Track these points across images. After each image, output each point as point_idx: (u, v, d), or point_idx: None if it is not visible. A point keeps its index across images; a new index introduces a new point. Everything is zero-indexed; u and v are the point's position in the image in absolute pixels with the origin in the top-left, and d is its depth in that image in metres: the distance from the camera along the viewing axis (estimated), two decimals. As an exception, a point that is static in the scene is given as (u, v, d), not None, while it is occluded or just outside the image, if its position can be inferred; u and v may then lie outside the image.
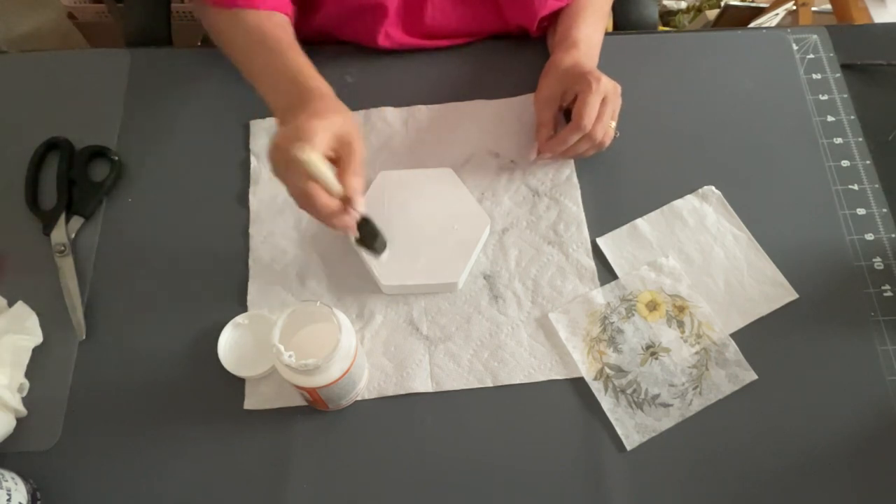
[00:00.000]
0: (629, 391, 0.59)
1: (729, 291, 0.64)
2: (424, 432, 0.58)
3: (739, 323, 0.62)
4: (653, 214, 0.67)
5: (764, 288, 0.64)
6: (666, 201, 0.68)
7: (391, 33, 0.74)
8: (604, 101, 0.65)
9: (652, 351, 0.61)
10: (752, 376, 0.60)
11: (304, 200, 0.54)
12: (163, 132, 0.72)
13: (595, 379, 0.60)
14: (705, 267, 0.65)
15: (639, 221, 0.67)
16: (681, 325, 0.62)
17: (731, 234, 0.66)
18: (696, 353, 0.61)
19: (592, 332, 0.62)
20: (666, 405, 0.59)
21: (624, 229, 0.67)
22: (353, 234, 0.58)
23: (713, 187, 0.68)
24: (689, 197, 0.68)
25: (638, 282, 0.64)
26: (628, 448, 0.57)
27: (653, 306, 0.62)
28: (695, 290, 0.63)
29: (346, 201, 0.55)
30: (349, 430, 0.58)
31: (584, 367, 0.60)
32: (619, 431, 0.58)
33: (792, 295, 0.63)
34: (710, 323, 0.62)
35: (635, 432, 0.58)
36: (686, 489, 0.56)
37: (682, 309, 0.62)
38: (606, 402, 0.59)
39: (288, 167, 0.54)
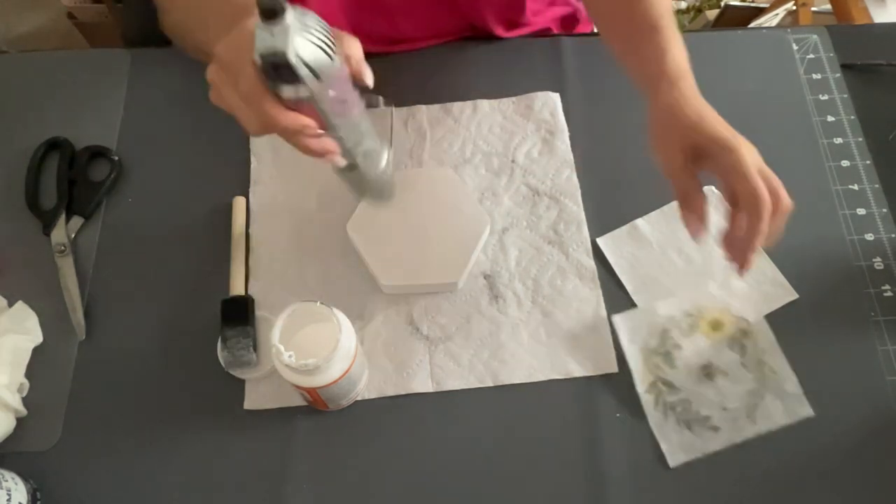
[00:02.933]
0: (679, 409, 0.58)
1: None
2: (424, 432, 0.58)
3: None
4: (653, 214, 0.67)
5: (764, 288, 0.63)
6: (666, 201, 0.68)
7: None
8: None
9: (708, 371, 0.59)
10: (808, 412, 0.58)
11: (263, 120, 0.43)
12: (163, 132, 0.72)
13: (647, 391, 0.59)
14: (706, 267, 0.65)
15: (639, 221, 0.67)
16: (742, 349, 0.60)
17: None
18: (755, 379, 0.59)
19: (651, 343, 0.60)
20: (715, 428, 0.57)
21: (624, 229, 0.67)
22: (337, 159, 0.48)
23: (713, 188, 0.68)
24: None
25: (705, 298, 0.62)
26: (671, 465, 0.56)
27: (716, 326, 0.61)
28: (763, 316, 0.61)
29: (357, 75, 0.45)
30: (349, 430, 0.58)
31: (638, 378, 0.59)
32: (664, 447, 0.57)
33: (792, 295, 0.63)
34: (774, 352, 0.60)
35: (680, 450, 0.56)
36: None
37: (746, 333, 0.61)
38: (654, 417, 0.57)
39: (236, 81, 0.43)
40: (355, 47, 0.46)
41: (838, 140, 0.72)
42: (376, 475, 0.57)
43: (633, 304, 0.63)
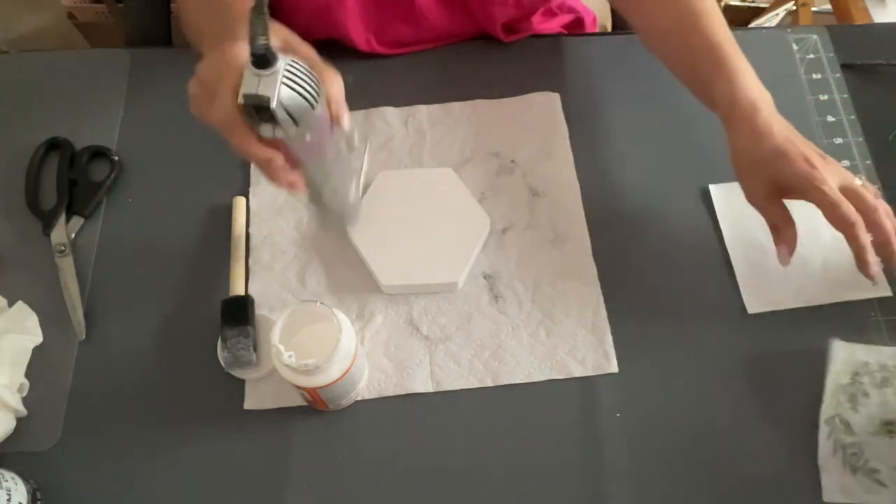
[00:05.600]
0: (849, 452, 0.56)
1: (826, 268, 0.63)
2: (424, 432, 0.58)
3: (825, 299, 0.62)
4: None
5: (858, 276, 0.59)
6: (666, 201, 0.68)
7: (370, 40, 0.74)
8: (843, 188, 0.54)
9: (890, 428, 0.57)
10: None
11: (235, 146, 0.46)
12: (163, 132, 0.72)
13: (825, 422, 0.57)
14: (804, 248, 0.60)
15: None
16: None
17: None
18: None
19: (842, 378, 0.59)
20: (881, 484, 0.55)
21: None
22: (301, 191, 0.50)
23: None
24: None
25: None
26: (825, 500, 0.55)
27: None
28: None
29: (335, 119, 0.47)
30: (349, 430, 0.58)
31: (823, 405, 0.58)
32: (823, 480, 0.55)
33: (886, 291, 0.62)
34: None
35: (839, 491, 0.55)
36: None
37: None
38: (824, 448, 0.56)
39: (213, 103, 0.45)
40: (337, 87, 0.47)
41: (838, 140, 0.72)
42: (376, 475, 0.57)
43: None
